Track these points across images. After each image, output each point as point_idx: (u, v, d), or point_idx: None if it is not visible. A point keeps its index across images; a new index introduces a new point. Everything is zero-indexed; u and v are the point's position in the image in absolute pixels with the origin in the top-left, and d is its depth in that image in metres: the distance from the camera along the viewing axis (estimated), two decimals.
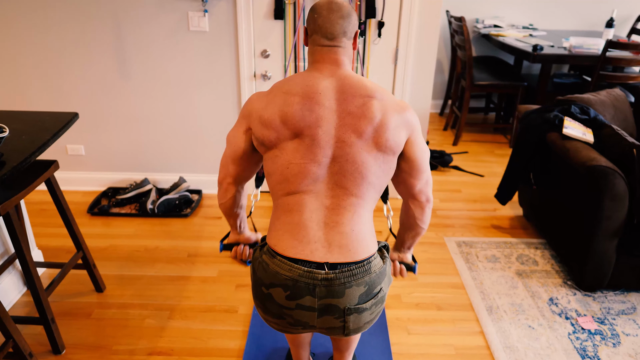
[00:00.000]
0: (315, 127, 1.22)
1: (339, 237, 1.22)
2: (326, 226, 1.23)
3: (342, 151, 1.22)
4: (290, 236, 1.23)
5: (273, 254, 1.25)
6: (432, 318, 2.12)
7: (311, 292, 1.20)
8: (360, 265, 1.22)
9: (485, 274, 2.40)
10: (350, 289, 1.21)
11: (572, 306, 2.20)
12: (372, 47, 2.73)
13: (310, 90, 1.24)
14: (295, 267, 1.21)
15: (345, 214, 1.23)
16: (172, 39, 2.71)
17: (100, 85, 2.84)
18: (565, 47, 3.69)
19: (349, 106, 1.23)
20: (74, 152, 3.03)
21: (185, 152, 3.02)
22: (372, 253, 1.26)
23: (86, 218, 2.81)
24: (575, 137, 2.30)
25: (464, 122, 3.89)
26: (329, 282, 1.20)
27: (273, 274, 1.22)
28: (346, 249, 1.22)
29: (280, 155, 1.25)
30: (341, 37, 1.29)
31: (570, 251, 2.32)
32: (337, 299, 1.21)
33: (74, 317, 2.08)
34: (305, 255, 1.21)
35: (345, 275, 1.21)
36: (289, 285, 1.21)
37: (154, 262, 2.44)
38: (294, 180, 1.23)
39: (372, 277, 1.24)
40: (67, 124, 1.84)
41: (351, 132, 1.22)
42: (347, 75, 1.28)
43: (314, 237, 1.22)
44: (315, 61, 1.31)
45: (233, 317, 2.10)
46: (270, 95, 1.28)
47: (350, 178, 1.23)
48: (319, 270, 1.20)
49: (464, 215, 2.93)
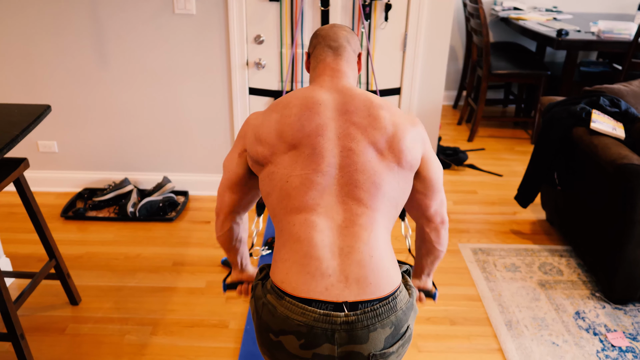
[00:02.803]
0: (315, 135, 1.22)
1: (357, 267, 1.16)
2: (341, 253, 1.17)
3: (349, 160, 1.21)
4: (299, 269, 1.18)
5: (281, 294, 1.18)
6: (444, 334, 2.11)
7: (329, 339, 1.14)
8: (385, 302, 1.17)
9: (504, 284, 2.40)
10: (375, 332, 1.15)
11: (601, 321, 2.20)
12: (378, 32, 2.73)
13: (310, 101, 1.25)
14: (309, 311, 1.14)
15: (361, 233, 1.19)
16: (154, 23, 2.71)
17: (75, 74, 2.84)
18: (593, 31, 3.68)
19: (352, 117, 1.24)
20: (45, 149, 3.03)
21: (170, 149, 3.02)
22: (397, 286, 1.21)
23: (59, 222, 2.81)
24: (604, 132, 2.30)
25: (480, 115, 3.89)
26: (350, 326, 1.14)
27: (283, 320, 1.16)
28: (366, 282, 1.16)
29: (277, 171, 1.23)
30: (345, 46, 1.37)
31: (599, 259, 2.32)
32: (360, 345, 1.15)
33: (46, 332, 2.07)
34: (319, 293, 1.15)
35: (368, 316, 1.15)
36: (302, 332, 1.14)
37: (135, 272, 2.44)
38: (297, 195, 1.20)
39: (398, 315, 1.19)
40: (38, 117, 1.84)
41: (359, 141, 1.22)
42: (350, 88, 1.30)
43: (327, 268, 1.16)
44: (317, 75, 1.37)
45: (223, 332, 2.09)
46: (267, 112, 1.30)
47: (362, 188, 1.20)
48: (337, 312, 1.14)
49: (480, 219, 2.93)
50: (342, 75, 1.34)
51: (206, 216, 2.89)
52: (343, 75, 1.34)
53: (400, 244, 2.65)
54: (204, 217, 2.88)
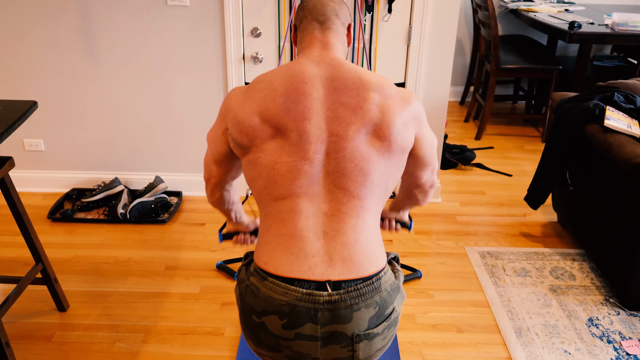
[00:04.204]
0: (302, 119, 1.23)
1: (342, 248, 1.21)
2: (326, 236, 1.22)
3: (337, 146, 1.22)
4: (283, 250, 1.22)
5: (263, 275, 1.23)
6: (451, 342, 2.12)
7: (312, 319, 1.18)
8: (368, 282, 1.21)
9: (513, 290, 2.40)
10: (359, 312, 1.19)
11: (615, 328, 2.20)
12: (380, 24, 2.73)
13: (295, 80, 1.25)
14: (291, 290, 1.19)
15: (347, 220, 1.22)
16: (146, 15, 2.71)
17: (62, 69, 2.84)
18: (607, 24, 3.69)
19: (341, 97, 1.24)
20: (32, 147, 3.03)
21: (163, 148, 3.02)
22: (382, 266, 1.26)
23: (46, 224, 2.81)
24: (618, 130, 2.30)
25: (488, 112, 3.89)
26: (333, 305, 1.18)
27: (265, 300, 1.21)
28: (350, 262, 1.21)
29: (263, 157, 1.25)
30: (333, 19, 1.37)
31: (614, 263, 2.32)
32: (343, 325, 1.19)
33: (32, 340, 2.07)
34: (302, 272, 1.19)
35: (351, 295, 1.19)
36: (285, 311, 1.18)
37: (125, 276, 2.44)
38: (283, 182, 1.23)
39: (383, 296, 1.23)
40: (24, 114, 1.84)
41: (347, 125, 1.23)
42: (338, 61, 1.30)
43: (311, 249, 1.21)
44: (303, 48, 1.37)
45: (218, 340, 2.09)
46: (249, 90, 1.30)
47: (350, 177, 1.22)
48: (320, 291, 1.18)
49: (488, 221, 2.94)
50: (332, 47, 1.35)
51: (200, 218, 2.90)
52: (332, 47, 1.35)
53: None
54: (198, 219, 2.88)
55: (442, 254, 2.64)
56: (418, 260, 2.58)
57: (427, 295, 2.35)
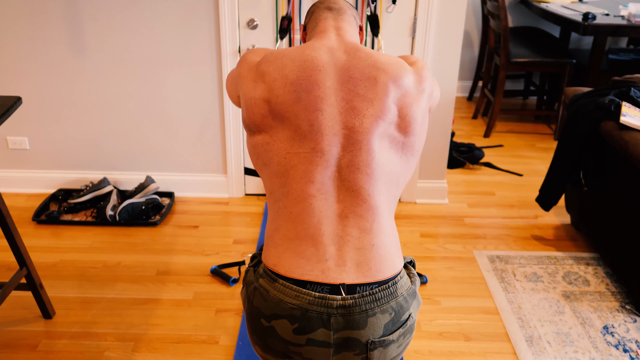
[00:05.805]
0: (314, 110, 1.23)
1: (357, 253, 1.21)
2: (340, 240, 1.21)
3: (351, 139, 1.22)
4: (294, 253, 1.21)
5: (273, 277, 1.22)
6: (458, 350, 2.12)
7: (325, 324, 1.17)
8: (384, 287, 1.21)
9: (524, 296, 2.40)
10: (374, 318, 1.19)
11: (631, 336, 2.20)
12: (384, 16, 2.73)
13: (309, 66, 1.25)
14: (303, 293, 1.18)
15: (362, 223, 1.22)
16: (137, 7, 2.71)
17: (48, 64, 2.84)
18: (623, 15, 3.69)
19: (357, 87, 1.24)
20: (15, 145, 3.03)
21: (154, 147, 3.02)
22: (399, 270, 1.25)
23: (31, 227, 2.81)
24: (635, 127, 2.30)
25: (498, 108, 3.89)
26: (347, 310, 1.17)
27: (275, 303, 1.20)
28: (366, 266, 1.20)
29: (273, 143, 1.25)
30: (346, 9, 1.40)
31: (630, 268, 2.32)
32: (357, 331, 1.18)
33: (16, 349, 2.07)
34: (315, 276, 1.19)
35: (366, 300, 1.18)
36: (296, 316, 1.18)
37: (114, 282, 2.44)
38: (294, 174, 1.23)
39: (399, 301, 1.22)
40: (7, 110, 1.84)
41: (363, 117, 1.23)
42: (354, 47, 1.30)
43: (324, 253, 1.20)
44: (318, 32, 1.38)
45: (212, 349, 2.09)
46: (261, 66, 1.30)
47: (362, 174, 1.22)
48: (333, 295, 1.18)
49: (498, 223, 2.94)
50: (346, 33, 1.36)
51: (194, 220, 2.90)
52: (346, 33, 1.36)
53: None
54: (192, 221, 2.89)
55: (449, 258, 2.64)
56: (424, 264, 2.59)
57: (434, 302, 2.35)
